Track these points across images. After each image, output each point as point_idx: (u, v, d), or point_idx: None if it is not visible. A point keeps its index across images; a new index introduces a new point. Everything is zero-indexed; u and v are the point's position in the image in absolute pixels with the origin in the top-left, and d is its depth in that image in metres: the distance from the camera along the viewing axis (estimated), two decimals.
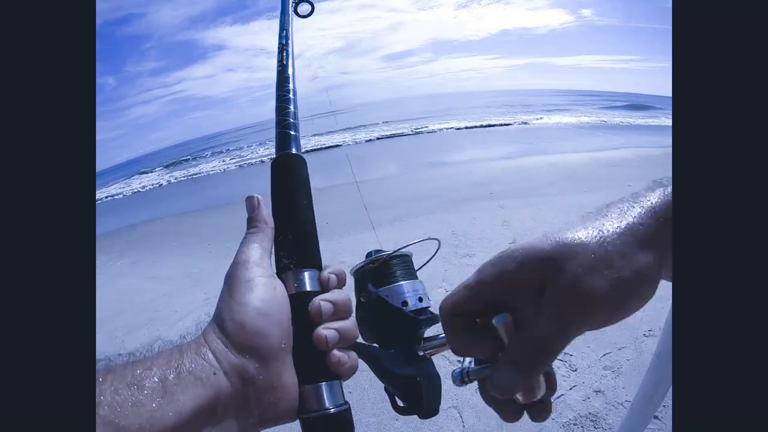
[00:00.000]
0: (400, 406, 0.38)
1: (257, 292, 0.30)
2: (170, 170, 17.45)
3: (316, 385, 0.31)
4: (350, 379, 0.36)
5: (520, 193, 4.43)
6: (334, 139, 14.50)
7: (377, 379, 0.37)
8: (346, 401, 0.33)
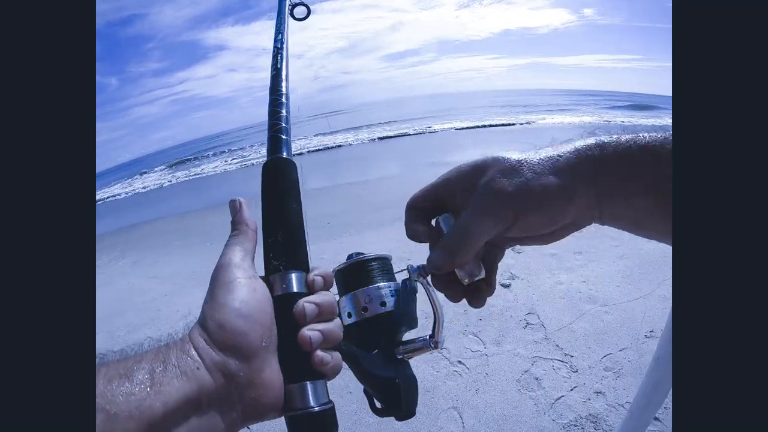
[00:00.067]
0: (378, 407, 0.38)
1: (237, 293, 0.31)
2: (173, 170, 17.54)
3: (301, 384, 0.32)
4: (350, 379, 0.37)
5: None
6: (336, 139, 14.51)
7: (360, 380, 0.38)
8: (330, 400, 0.34)
